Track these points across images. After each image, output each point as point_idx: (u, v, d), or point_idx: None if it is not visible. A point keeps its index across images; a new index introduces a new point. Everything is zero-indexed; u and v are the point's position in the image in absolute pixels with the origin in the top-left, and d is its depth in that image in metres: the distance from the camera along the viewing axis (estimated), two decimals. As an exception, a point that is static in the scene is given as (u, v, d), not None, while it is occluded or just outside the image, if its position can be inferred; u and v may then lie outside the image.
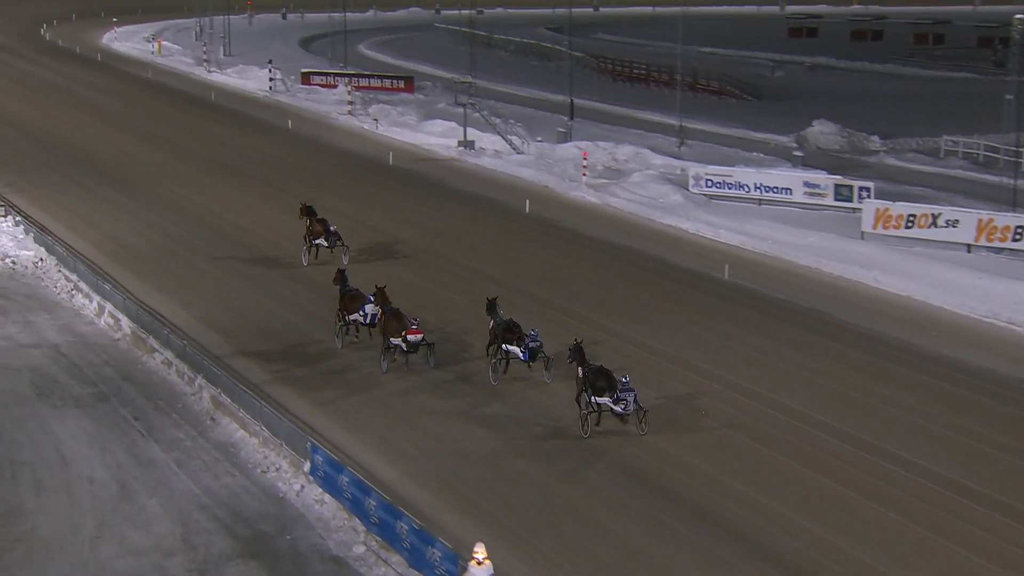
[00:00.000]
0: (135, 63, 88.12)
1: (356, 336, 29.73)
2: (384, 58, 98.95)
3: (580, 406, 24.79)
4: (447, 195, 47.95)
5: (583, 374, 24.72)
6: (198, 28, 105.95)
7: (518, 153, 55.32)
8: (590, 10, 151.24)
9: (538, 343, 26.97)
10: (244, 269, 36.25)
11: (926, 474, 23.41)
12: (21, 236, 39.15)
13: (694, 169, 48.35)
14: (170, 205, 43.95)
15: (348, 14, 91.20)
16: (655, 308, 33.55)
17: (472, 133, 57.33)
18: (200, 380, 27.24)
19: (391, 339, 27.86)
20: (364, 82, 75.59)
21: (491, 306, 28.29)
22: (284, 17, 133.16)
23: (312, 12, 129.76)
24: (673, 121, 60.70)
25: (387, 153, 54.86)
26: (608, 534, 21.03)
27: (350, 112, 65.89)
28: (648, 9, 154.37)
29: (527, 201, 45.82)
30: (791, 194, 45.35)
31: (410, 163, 54.12)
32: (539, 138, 57.64)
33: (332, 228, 36.48)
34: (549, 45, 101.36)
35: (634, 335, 30.97)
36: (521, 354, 27.05)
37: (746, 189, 46.25)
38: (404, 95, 74.33)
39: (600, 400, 24.37)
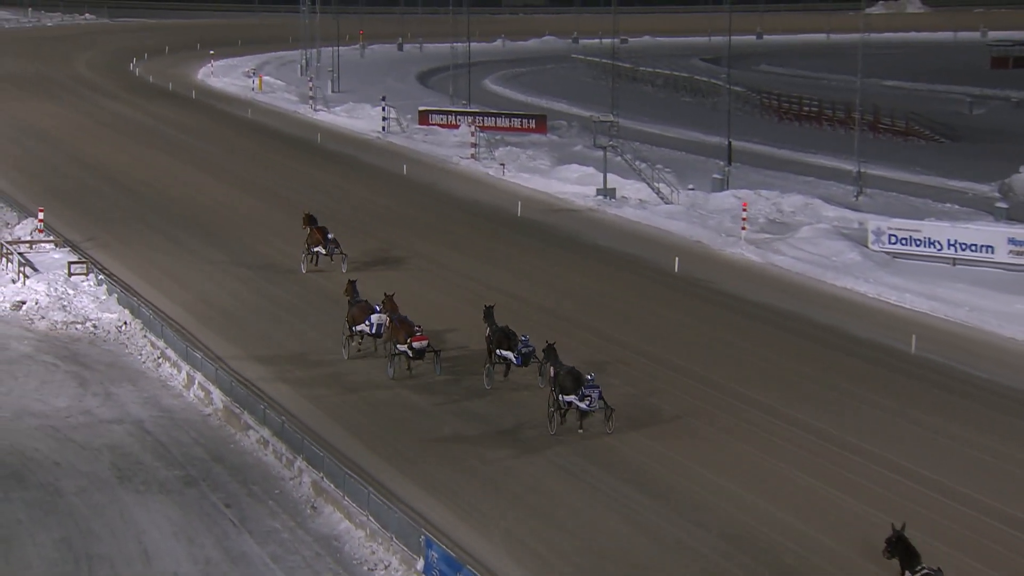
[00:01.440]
0: (233, 101, 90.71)
1: (353, 341, 34.23)
2: (513, 94, 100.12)
3: (548, 404, 29.21)
4: (583, 251, 48.12)
5: (554, 374, 29.32)
6: (303, 61, 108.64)
7: (666, 203, 55.31)
8: (752, 38, 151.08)
9: (530, 348, 31.79)
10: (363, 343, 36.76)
11: None
12: (103, 296, 40.37)
13: (875, 223, 47.73)
14: (270, 263, 44.93)
15: (473, 44, 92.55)
16: (830, 387, 33.09)
17: (613, 180, 57.54)
18: (300, 462, 27.67)
19: (397, 346, 32.11)
20: (490, 122, 76.50)
21: (488, 314, 32.91)
22: (400, 48, 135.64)
23: (432, 42, 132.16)
24: (850, 167, 60.03)
25: (515, 203, 55.36)
26: None
27: (473, 156, 66.74)
28: (821, 37, 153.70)
29: (676, 259, 45.73)
30: (993, 253, 44.49)
31: (541, 214, 54.51)
32: (691, 186, 57.56)
33: (330, 236, 42.87)
34: (704, 79, 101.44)
35: (809, 419, 30.59)
36: (515, 359, 31.94)
37: (938, 247, 45.49)
38: (535, 136, 75.03)
39: (567, 398, 28.92)
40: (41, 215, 47.64)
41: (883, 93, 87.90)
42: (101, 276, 42.07)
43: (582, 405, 28.87)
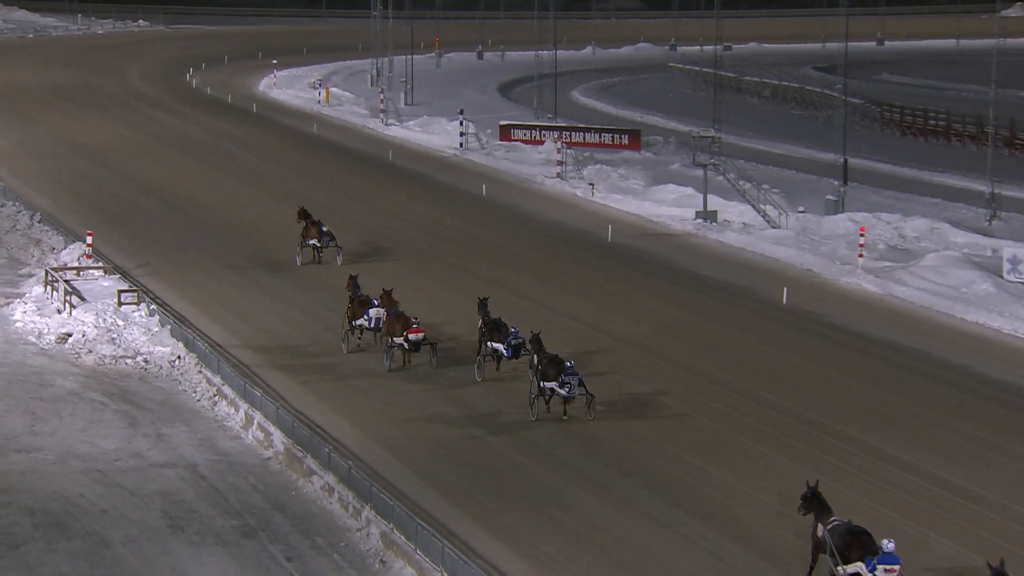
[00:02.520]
0: (297, 115, 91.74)
1: (354, 335, 37.97)
2: (604, 107, 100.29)
3: (530, 390, 32.84)
4: (681, 280, 48.04)
5: (536, 362, 32.99)
6: (374, 71, 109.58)
7: (773, 227, 55.09)
8: (872, 44, 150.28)
9: (520, 339, 34.90)
10: (423, 373, 37.02)
11: None
12: (155, 328, 40.93)
13: (1011, 250, 47.25)
14: (339, 294, 45.13)
15: (560, 52, 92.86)
16: (961, 435, 32.72)
17: (714, 202, 57.42)
18: (368, 512, 27.84)
19: (394, 338, 36.09)
20: (578, 137, 76.74)
21: (481, 305, 36.51)
22: (480, 57, 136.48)
23: (514, 50, 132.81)
24: (982, 187, 59.45)
25: (605, 226, 55.42)
26: None
27: (559, 175, 66.93)
28: (950, 43, 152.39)
29: (785, 289, 45.52)
30: None
31: (634, 239, 54.51)
32: (801, 208, 57.30)
33: (325, 228, 48.19)
34: (816, 89, 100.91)
35: (942, 473, 30.35)
36: (505, 351, 35.22)
37: (1082, 277, 44.99)
38: (628, 153, 75.10)
39: (548, 385, 32.56)
40: (89, 239, 48.37)
41: (1020, 105, 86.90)
42: (153, 306, 42.64)
43: (562, 391, 32.51)
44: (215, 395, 35.79)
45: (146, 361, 38.96)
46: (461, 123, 77.39)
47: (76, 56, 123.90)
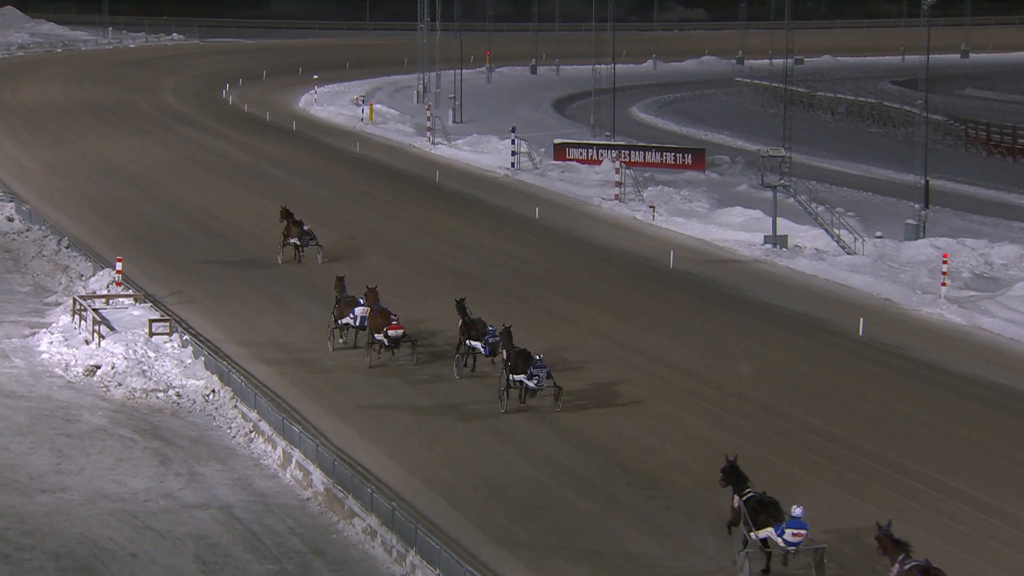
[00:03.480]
0: (340, 133, 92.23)
1: (343, 339, 41.70)
2: (666, 124, 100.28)
3: (499, 384, 36.45)
4: (748, 310, 47.88)
5: (506, 355, 36.30)
6: (421, 87, 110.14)
7: (849, 253, 54.85)
8: (955, 57, 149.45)
9: (497, 339, 37.87)
10: (474, 411, 37.05)
11: None
12: (188, 360, 41.14)
13: (1106, 278, 46.88)
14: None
15: (619, 65, 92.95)
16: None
17: (784, 226, 57.24)
18: (413, 557, 27.84)
19: (375, 335, 39.73)
20: (638, 156, 76.71)
21: (460, 307, 39.96)
22: (533, 71, 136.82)
23: (570, 64, 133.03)
24: (1075, 210, 59.09)
25: (667, 252, 55.33)
26: None
27: (618, 197, 66.93)
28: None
29: (861, 320, 45.30)
30: None
31: (698, 266, 54.39)
32: (879, 233, 57.01)
33: (306, 228, 52.99)
34: (895, 105, 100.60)
35: None
36: (482, 349, 38.71)
37: None
38: (692, 174, 75.01)
39: (516, 377, 36.02)
40: (119, 266, 48.76)
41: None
42: (186, 336, 42.85)
43: (530, 384, 36.01)
44: (251, 431, 35.92)
45: (178, 395, 39.17)
46: (513, 142, 77.51)
47: (107, 71, 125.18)
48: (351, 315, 41.37)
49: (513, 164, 76.83)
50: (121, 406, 38.31)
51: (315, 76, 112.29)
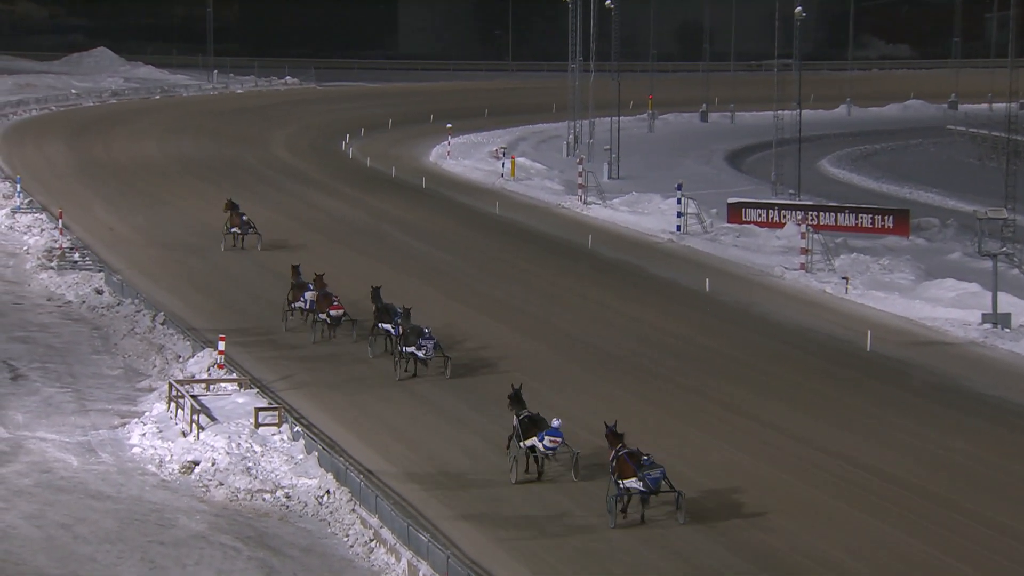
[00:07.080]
0: (476, 191, 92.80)
1: (291, 314, 54.83)
2: (860, 180, 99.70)
3: (393, 356, 48.91)
4: (964, 404, 47.24)
5: (400, 332, 48.67)
6: (571, 137, 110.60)
7: (1084, 335, 54.09)
8: None
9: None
10: (636, 531, 36.94)
11: None
12: (300, 456, 41.51)
13: None
14: (497, 406, 45.41)
15: (806, 112, 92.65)
16: None
17: (1007, 302, 56.54)
18: None
19: (319, 314, 53.22)
20: (828, 219, 76.29)
21: (375, 295, 52.41)
22: (704, 118, 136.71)
23: (747, 110, 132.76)
24: None
25: (863, 332, 54.87)
26: None
27: (804, 266, 66.60)
28: None
29: (1097, 416, 44.67)
30: None
31: (901, 348, 53.89)
32: (1120, 312, 56.16)
33: (245, 218, 71.09)
34: None
35: None
36: (393, 331, 49.87)
37: None
38: (893, 240, 74.43)
39: (408, 349, 48.06)
40: (222, 346, 49.37)
41: None
42: (298, 428, 43.27)
43: (419, 354, 47.83)
44: (371, 539, 36.14)
45: (288, 496, 39.51)
46: (679, 201, 77.47)
47: (210, 121, 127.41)
48: (302, 299, 54.43)
49: (679, 227, 76.78)
50: (222, 509, 38.75)
51: (448, 125, 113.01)
